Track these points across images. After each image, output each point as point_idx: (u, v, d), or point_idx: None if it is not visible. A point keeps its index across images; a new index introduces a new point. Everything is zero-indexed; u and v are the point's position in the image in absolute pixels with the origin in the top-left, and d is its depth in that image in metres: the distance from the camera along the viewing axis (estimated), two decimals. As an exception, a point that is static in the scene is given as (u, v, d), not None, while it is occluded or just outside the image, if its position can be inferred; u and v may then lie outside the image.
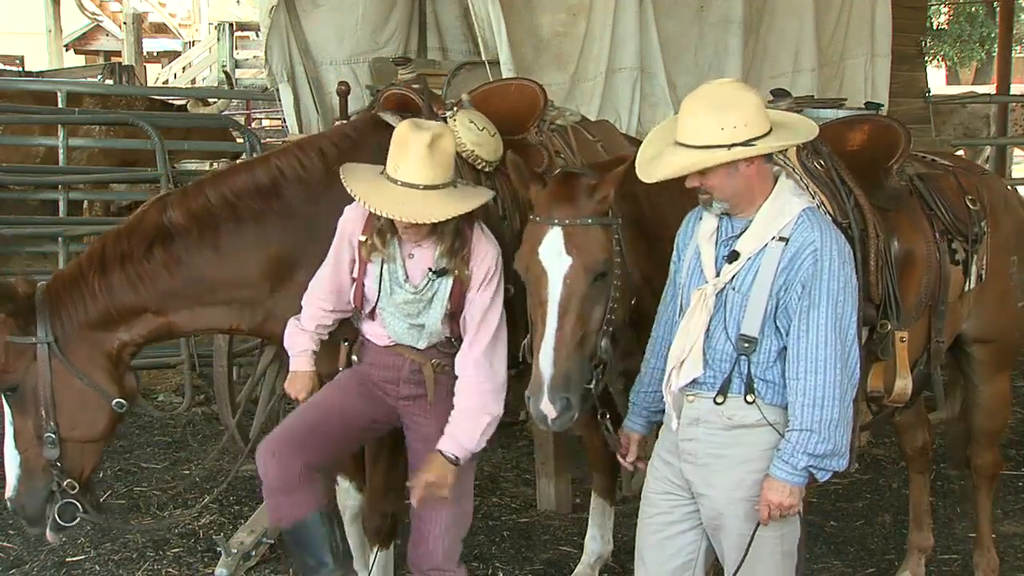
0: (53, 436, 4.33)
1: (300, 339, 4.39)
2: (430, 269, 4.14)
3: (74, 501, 4.40)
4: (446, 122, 4.83)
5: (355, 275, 4.25)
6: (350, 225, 4.27)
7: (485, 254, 4.19)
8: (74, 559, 6.01)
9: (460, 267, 4.13)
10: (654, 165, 3.84)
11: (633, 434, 4.17)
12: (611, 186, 3.95)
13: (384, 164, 4.11)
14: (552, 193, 4.01)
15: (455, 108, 4.82)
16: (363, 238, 4.20)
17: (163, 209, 4.50)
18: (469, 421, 4.15)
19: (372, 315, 4.27)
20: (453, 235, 4.12)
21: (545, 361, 3.85)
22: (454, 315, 4.19)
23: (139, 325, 4.47)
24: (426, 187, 4.00)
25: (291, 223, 4.51)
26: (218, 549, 5.82)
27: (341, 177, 4.15)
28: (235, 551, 5.76)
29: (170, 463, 7.54)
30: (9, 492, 4.41)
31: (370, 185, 4.07)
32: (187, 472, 7.39)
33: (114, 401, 4.44)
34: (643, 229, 4.26)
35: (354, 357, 4.40)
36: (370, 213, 4.14)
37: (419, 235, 4.10)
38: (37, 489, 4.38)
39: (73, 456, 4.39)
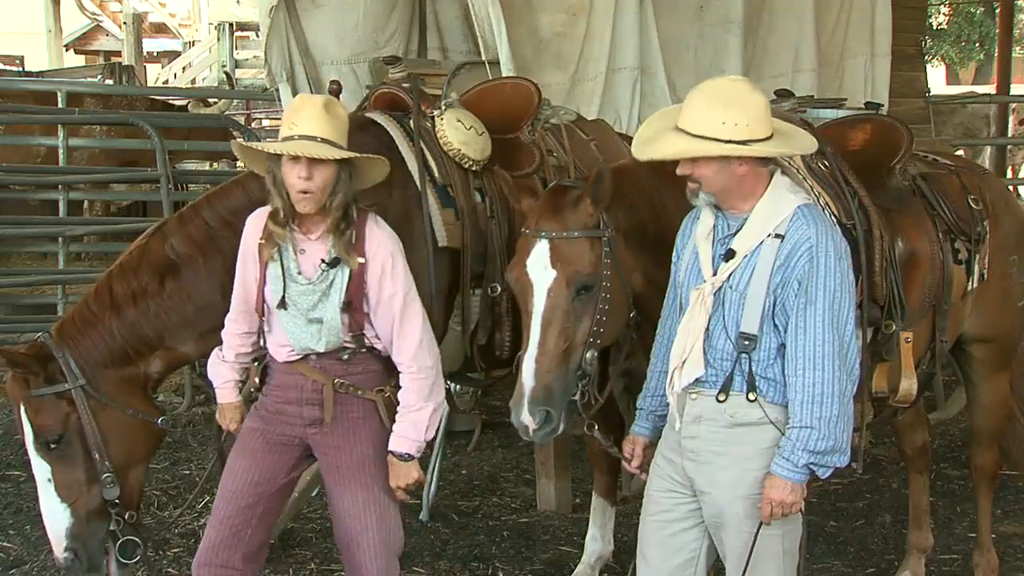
0: (111, 475, 4.28)
1: (222, 369, 4.36)
2: (323, 260, 4.06)
3: (134, 537, 4.38)
4: (434, 121, 4.84)
5: (256, 289, 4.17)
6: (250, 235, 4.19)
7: (379, 245, 4.09)
8: (74, 559, 6.01)
9: (351, 256, 4.03)
10: (649, 146, 3.87)
11: (641, 439, 4.16)
12: (598, 198, 3.95)
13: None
14: (541, 206, 4.04)
15: (443, 107, 4.82)
16: (262, 239, 4.11)
17: (163, 239, 4.47)
18: (413, 416, 4.14)
19: (272, 322, 4.18)
20: (342, 213, 4.01)
21: (527, 373, 3.88)
22: (352, 307, 4.07)
23: (157, 360, 4.48)
24: (323, 140, 3.93)
25: None
26: (218, 549, 5.81)
27: (233, 148, 4.26)
28: (235, 551, 5.75)
29: (170, 463, 7.53)
30: (62, 550, 4.27)
31: (265, 144, 4.11)
32: (187, 472, 7.39)
33: (159, 420, 4.49)
34: (644, 234, 4.24)
35: (256, 380, 4.32)
36: (267, 216, 4.09)
37: (314, 199, 3.96)
38: (95, 535, 4.32)
39: (129, 488, 4.38)
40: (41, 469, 4.26)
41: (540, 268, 3.93)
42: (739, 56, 8.35)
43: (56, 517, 4.26)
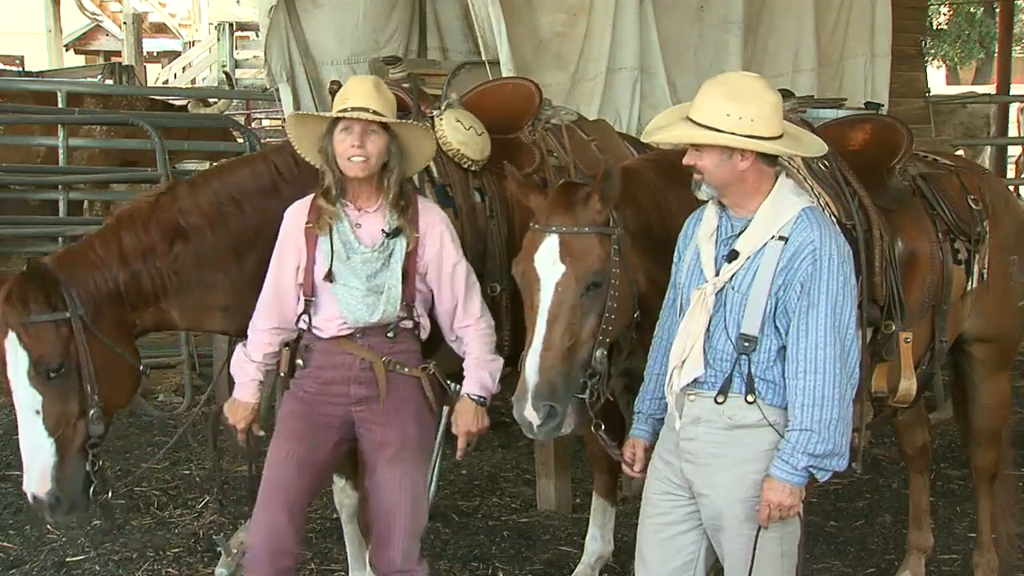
0: (99, 411, 4.23)
1: (248, 368, 4.39)
2: (383, 231, 4.20)
3: (101, 481, 4.30)
4: (433, 121, 4.85)
5: (302, 275, 4.25)
6: (292, 223, 4.30)
7: (432, 221, 4.30)
8: (74, 559, 6.01)
9: (409, 228, 4.21)
10: (656, 132, 3.93)
11: (640, 441, 4.15)
12: (607, 194, 3.95)
13: None
14: (551, 201, 4.03)
15: (443, 107, 4.83)
16: (309, 223, 4.23)
17: (174, 201, 4.50)
18: (489, 365, 4.37)
19: (321, 299, 4.24)
20: (397, 188, 4.20)
21: (531, 368, 3.87)
22: (410, 276, 4.22)
23: (147, 315, 4.48)
24: (375, 112, 4.11)
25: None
26: (218, 549, 5.82)
27: (287, 127, 4.34)
28: (235, 551, 5.75)
29: (170, 463, 7.53)
30: (43, 487, 4.15)
31: (324, 113, 4.26)
32: (187, 472, 7.39)
33: (141, 367, 4.45)
34: (650, 234, 4.24)
35: (299, 361, 4.35)
36: (311, 200, 4.24)
37: (367, 167, 4.13)
38: (76, 472, 4.22)
39: (104, 430, 4.31)
40: (30, 400, 4.16)
41: (549, 263, 3.91)
42: (739, 56, 8.36)
43: (41, 452, 4.16)
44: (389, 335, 4.25)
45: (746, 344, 3.74)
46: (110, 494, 4.37)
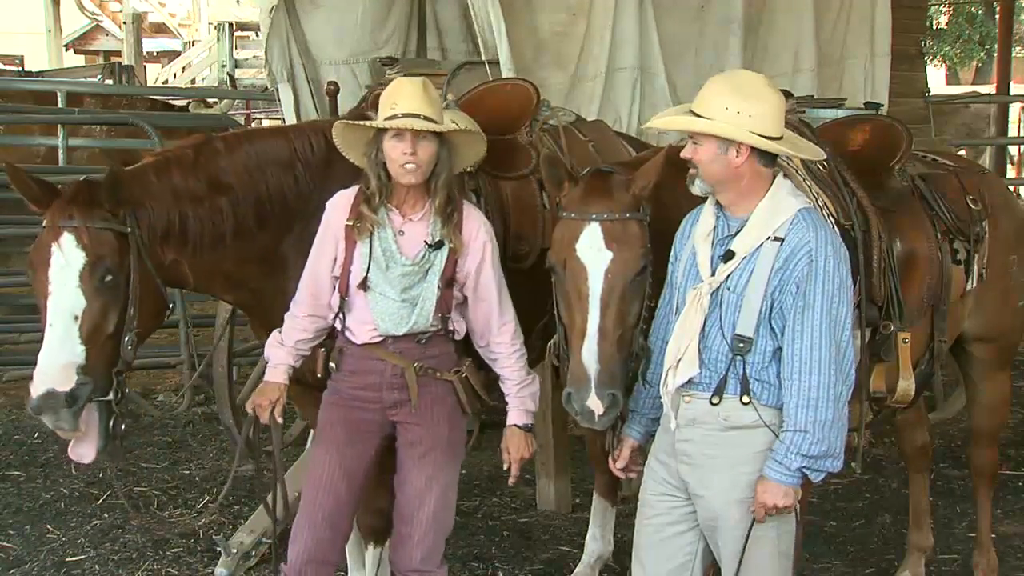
0: (134, 337, 4.12)
1: (279, 352, 4.34)
2: (426, 242, 4.15)
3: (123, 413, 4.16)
4: None
5: (338, 270, 4.22)
6: (335, 215, 4.25)
7: (477, 230, 4.23)
8: (74, 559, 6.02)
9: (455, 237, 4.16)
10: (658, 120, 3.99)
11: (629, 440, 4.14)
12: (649, 178, 3.95)
13: None
14: (587, 189, 3.99)
15: None
16: (350, 221, 4.18)
17: (216, 155, 4.43)
18: (529, 388, 4.35)
19: (355, 302, 4.21)
20: (445, 193, 4.14)
21: (589, 357, 3.83)
22: (447, 285, 4.18)
23: (171, 262, 4.32)
24: (426, 118, 4.05)
25: (296, 208, 4.51)
26: (218, 549, 5.82)
27: (333, 132, 4.25)
28: (235, 551, 5.76)
29: (170, 463, 7.54)
30: (65, 383, 3.92)
31: (371, 122, 4.16)
32: (187, 472, 7.40)
33: (169, 305, 4.37)
34: (662, 231, 4.24)
35: (332, 364, 4.32)
36: (356, 194, 4.18)
37: (418, 172, 4.08)
38: (101, 386, 4.05)
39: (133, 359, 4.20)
40: (71, 304, 4.00)
41: (594, 250, 3.88)
42: (739, 56, 8.35)
43: (68, 352, 3.98)
44: (421, 341, 4.21)
45: (741, 345, 3.74)
46: (123, 427, 4.19)
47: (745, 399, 3.75)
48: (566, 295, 3.97)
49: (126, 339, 4.11)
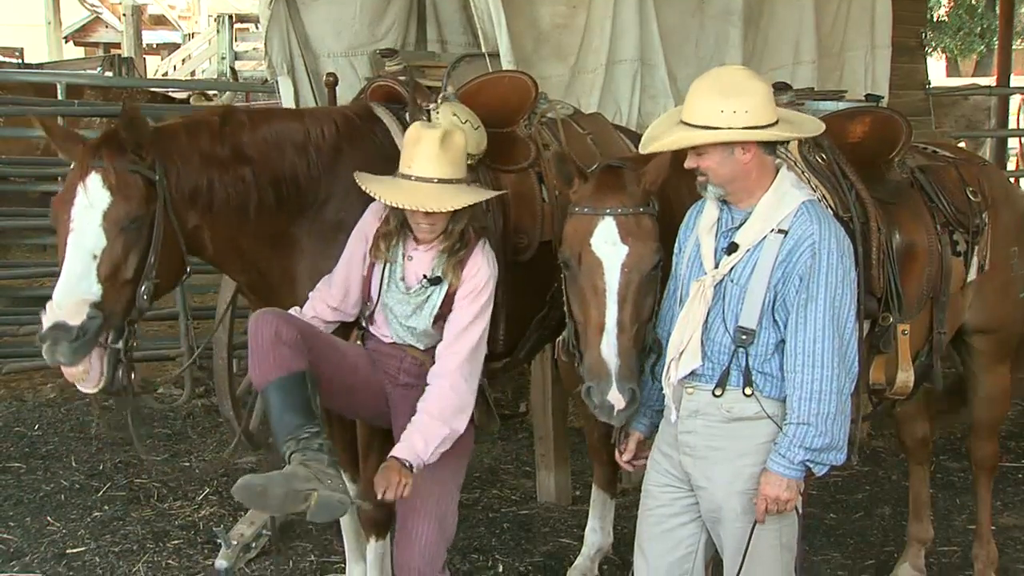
0: (151, 286, 4.10)
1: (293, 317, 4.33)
2: (424, 276, 4.20)
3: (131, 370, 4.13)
4: (430, 114, 4.84)
5: (366, 271, 4.30)
6: (369, 223, 4.31)
7: (479, 269, 4.22)
8: (74, 550, 6.03)
9: (454, 272, 4.18)
10: (653, 141, 3.90)
11: (635, 432, 4.15)
12: (659, 173, 3.96)
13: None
14: (599, 184, 4.01)
15: (440, 101, 4.82)
16: (378, 235, 4.25)
17: (240, 128, 4.42)
18: (428, 429, 4.07)
19: (374, 315, 4.34)
20: (460, 235, 4.18)
21: (609, 351, 3.85)
22: (443, 319, 4.23)
23: (193, 227, 4.30)
24: (440, 180, 4.07)
25: (307, 191, 4.52)
26: (218, 541, 5.82)
27: (357, 181, 4.21)
28: (235, 543, 5.76)
29: (170, 455, 7.55)
30: (77, 316, 3.89)
31: (384, 184, 4.15)
32: (187, 464, 7.40)
33: (187, 270, 4.34)
34: (665, 226, 4.24)
35: (358, 343, 4.43)
36: (384, 215, 4.22)
37: (434, 231, 4.15)
38: (115, 325, 4.02)
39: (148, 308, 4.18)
40: (91, 243, 3.98)
41: (610, 244, 3.90)
42: (740, 48, 8.33)
43: (84, 288, 3.95)
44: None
45: (744, 337, 3.74)
46: (133, 377, 4.17)
47: (748, 391, 3.76)
48: (580, 291, 3.97)
49: (143, 288, 4.09)
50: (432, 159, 4.08)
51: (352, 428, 4.76)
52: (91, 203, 4.01)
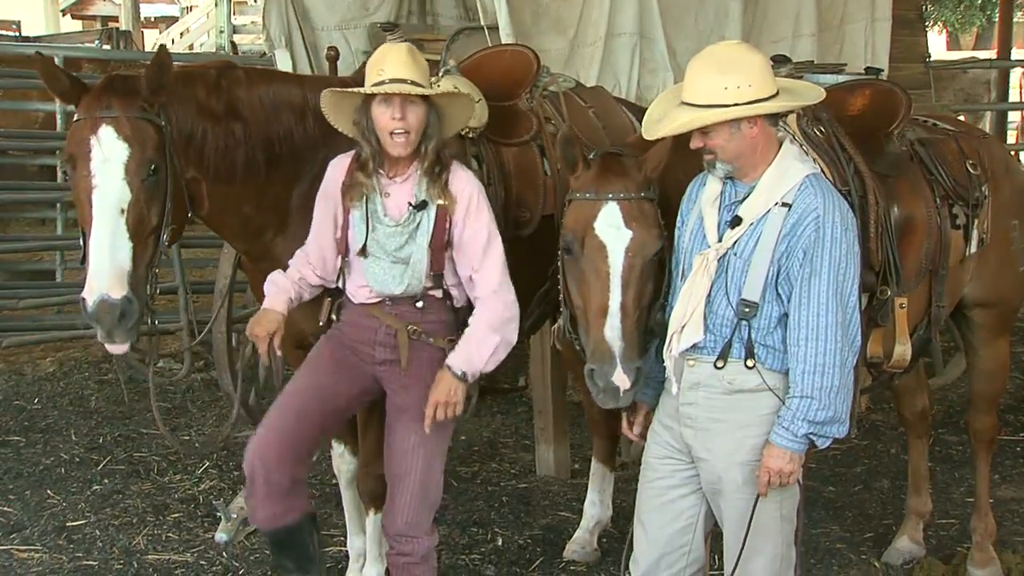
0: (170, 232, 4.06)
1: (280, 280, 4.31)
2: (409, 203, 4.15)
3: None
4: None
5: (339, 233, 4.24)
6: (332, 180, 4.27)
7: (464, 184, 4.21)
8: (74, 523, 6.03)
9: (443, 195, 4.15)
10: (657, 125, 3.88)
11: (642, 405, 4.15)
12: (660, 159, 3.95)
13: None
14: (599, 171, 4.00)
15: (441, 74, 4.81)
16: (346, 182, 4.20)
17: (237, 84, 4.39)
18: (482, 338, 4.16)
19: (352, 265, 4.26)
20: (436, 156, 4.15)
21: (613, 333, 3.84)
22: (438, 247, 4.17)
23: (190, 177, 4.24)
24: (413, 83, 4.04)
25: (305, 156, 4.49)
26: (218, 514, 5.84)
27: (322, 102, 4.22)
28: (235, 516, 5.78)
29: (169, 429, 7.55)
30: (119, 290, 3.84)
31: (361, 89, 4.13)
32: (186, 438, 7.41)
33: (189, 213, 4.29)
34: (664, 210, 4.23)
35: (334, 316, 4.38)
36: (352, 159, 4.19)
37: (409, 143, 4.08)
38: (144, 286, 3.98)
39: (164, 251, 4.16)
40: (117, 197, 3.92)
41: (614, 228, 3.89)
42: (739, 21, 8.33)
43: (119, 253, 3.89)
44: (418, 304, 4.22)
45: (746, 310, 3.74)
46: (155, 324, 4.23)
47: (750, 363, 3.76)
48: (582, 275, 3.96)
49: (164, 235, 4.08)
50: (403, 63, 4.06)
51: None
52: (109, 157, 3.95)
